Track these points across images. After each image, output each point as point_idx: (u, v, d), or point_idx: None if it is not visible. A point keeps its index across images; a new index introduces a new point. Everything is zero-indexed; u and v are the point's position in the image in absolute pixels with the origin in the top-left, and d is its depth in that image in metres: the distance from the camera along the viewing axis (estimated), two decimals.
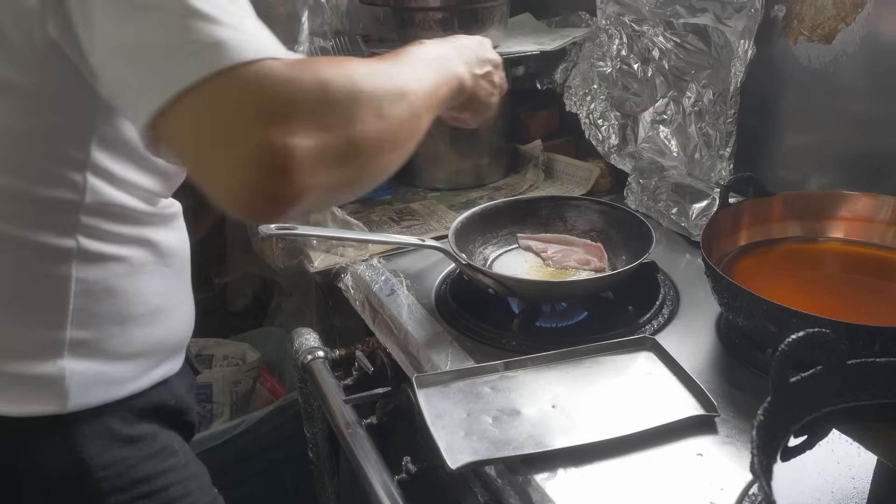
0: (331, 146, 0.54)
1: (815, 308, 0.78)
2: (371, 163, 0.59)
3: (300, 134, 0.51)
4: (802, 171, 1.16)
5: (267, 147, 0.50)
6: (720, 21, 1.15)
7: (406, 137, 0.63)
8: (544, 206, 1.17)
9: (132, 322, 0.74)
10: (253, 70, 0.52)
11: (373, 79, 0.58)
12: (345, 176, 0.57)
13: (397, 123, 0.60)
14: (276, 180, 0.51)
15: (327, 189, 0.55)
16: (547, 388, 0.85)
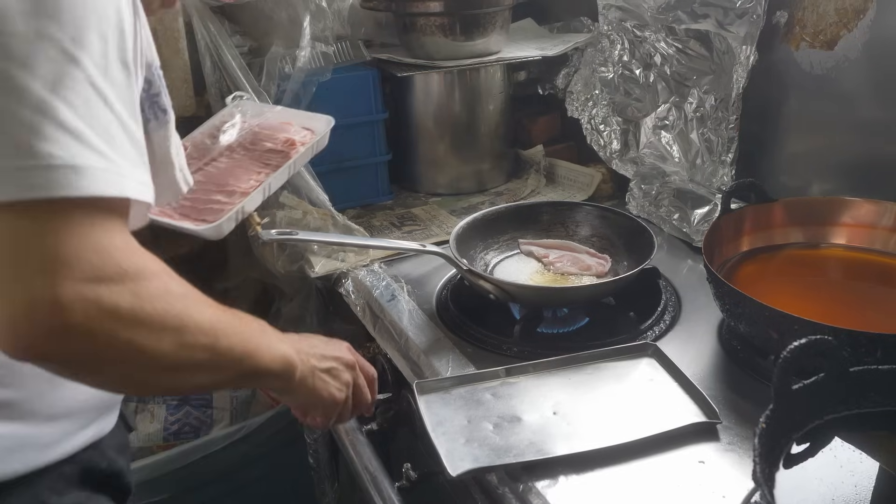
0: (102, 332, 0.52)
1: (817, 315, 0.78)
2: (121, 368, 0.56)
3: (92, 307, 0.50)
4: (804, 177, 1.16)
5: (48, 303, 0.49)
6: (722, 27, 1.15)
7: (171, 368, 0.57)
8: (546, 212, 1.17)
9: (57, 383, 0.65)
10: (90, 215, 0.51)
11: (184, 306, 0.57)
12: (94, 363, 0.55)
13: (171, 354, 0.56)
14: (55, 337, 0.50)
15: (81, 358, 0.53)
16: (548, 394, 0.84)
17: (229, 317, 0.62)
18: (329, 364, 0.77)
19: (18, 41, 0.51)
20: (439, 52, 1.38)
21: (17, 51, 0.50)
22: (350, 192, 1.41)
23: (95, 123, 0.53)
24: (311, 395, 0.74)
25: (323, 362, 0.76)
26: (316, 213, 1.22)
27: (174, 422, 1.34)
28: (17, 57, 0.50)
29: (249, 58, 1.33)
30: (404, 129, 1.47)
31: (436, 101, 1.43)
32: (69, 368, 0.55)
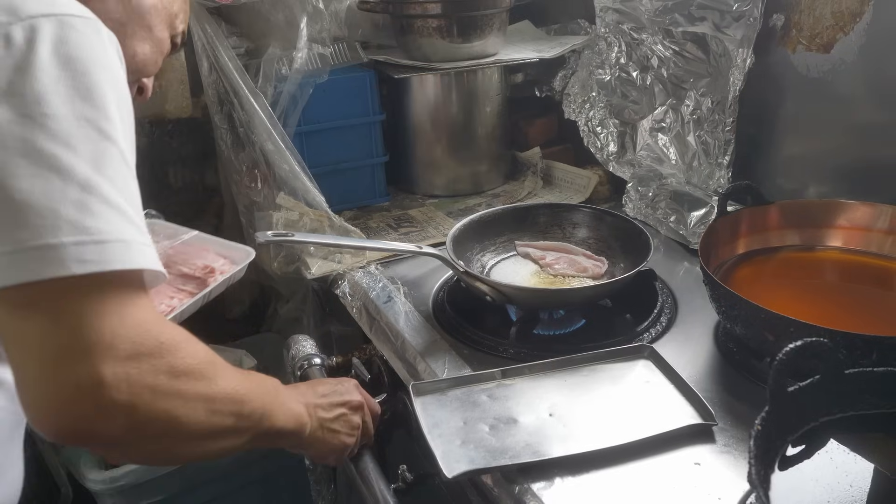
0: (147, 411, 0.54)
1: (812, 317, 0.78)
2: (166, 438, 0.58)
3: (134, 386, 0.52)
4: (801, 179, 1.16)
5: (93, 384, 0.50)
6: (719, 30, 1.16)
7: (201, 436, 0.60)
8: (543, 214, 1.17)
9: None
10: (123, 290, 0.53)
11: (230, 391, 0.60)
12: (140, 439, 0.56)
13: (204, 419, 0.59)
14: (87, 414, 0.51)
15: (127, 437, 0.54)
16: (544, 396, 0.84)
17: (249, 380, 0.65)
18: (338, 412, 0.79)
19: (60, 122, 0.53)
20: (436, 54, 1.38)
21: (60, 132, 0.53)
22: (347, 194, 1.41)
23: (131, 197, 0.56)
24: (323, 447, 0.78)
25: (332, 411, 0.79)
26: (312, 214, 1.22)
27: None
28: (60, 138, 0.53)
29: (246, 59, 1.33)
30: (401, 131, 1.47)
31: (433, 102, 1.43)
32: (108, 446, 0.55)
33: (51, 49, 0.54)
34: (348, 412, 0.81)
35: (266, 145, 1.25)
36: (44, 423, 0.52)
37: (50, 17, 0.56)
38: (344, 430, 0.80)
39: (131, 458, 0.60)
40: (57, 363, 0.51)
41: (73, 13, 0.57)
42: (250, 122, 1.26)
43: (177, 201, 1.51)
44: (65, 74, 0.54)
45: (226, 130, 1.33)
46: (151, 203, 1.50)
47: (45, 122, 0.53)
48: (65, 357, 0.51)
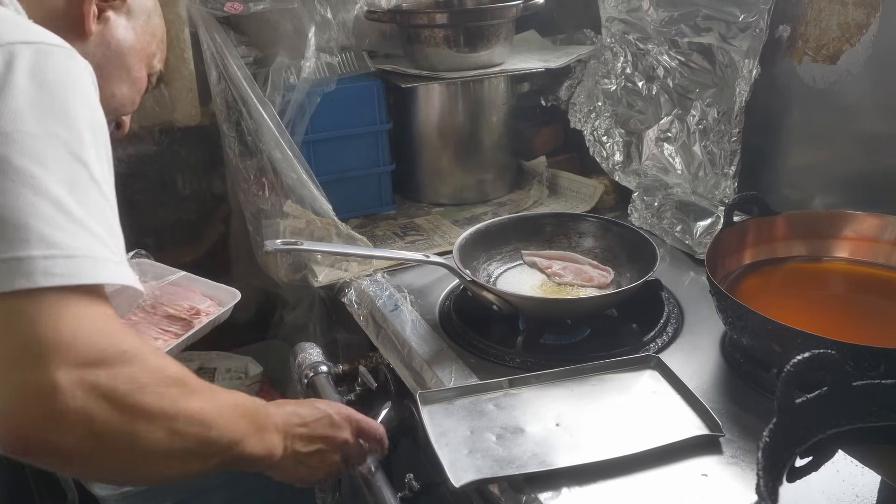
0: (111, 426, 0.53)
1: (819, 328, 0.78)
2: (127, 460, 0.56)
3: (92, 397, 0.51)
4: (807, 190, 1.16)
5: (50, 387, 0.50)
6: (725, 40, 1.16)
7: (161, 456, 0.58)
8: (549, 223, 1.17)
9: None
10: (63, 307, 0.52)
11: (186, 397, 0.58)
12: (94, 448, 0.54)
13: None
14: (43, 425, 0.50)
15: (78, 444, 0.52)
16: (551, 406, 0.85)
17: (223, 404, 0.62)
18: (316, 447, 0.75)
19: (35, 140, 0.54)
20: (443, 64, 1.38)
21: (33, 149, 0.54)
22: (353, 202, 1.42)
23: (101, 219, 0.56)
24: (289, 475, 0.75)
25: (310, 445, 0.74)
26: (319, 222, 1.23)
27: None
28: (33, 155, 0.54)
29: (255, 68, 1.34)
30: (408, 140, 1.48)
31: (439, 111, 1.44)
32: (64, 459, 0.53)
33: (28, 72, 0.56)
34: (327, 449, 0.76)
35: (274, 153, 1.26)
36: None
37: (28, 45, 0.57)
38: (316, 465, 0.76)
39: (90, 473, 0.58)
40: (10, 368, 0.50)
41: (51, 42, 0.60)
42: (258, 130, 1.26)
43: (185, 208, 1.52)
44: (40, 96, 0.56)
45: (234, 138, 1.34)
46: (160, 210, 1.52)
47: (19, 139, 0.53)
48: (19, 361, 0.50)
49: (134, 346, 0.55)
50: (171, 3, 1.25)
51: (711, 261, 0.92)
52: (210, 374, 1.39)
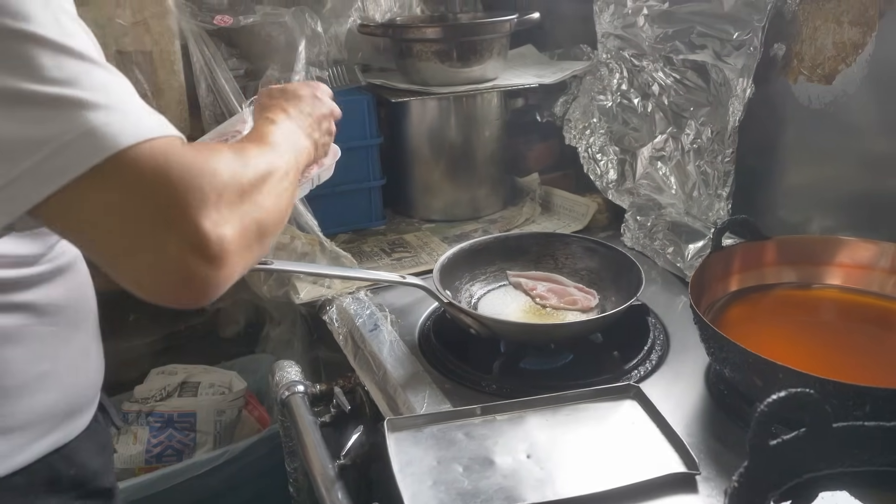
0: (249, 231, 0.56)
1: (805, 360, 0.74)
2: (269, 239, 0.62)
3: (229, 223, 0.54)
4: (804, 212, 1.13)
5: (204, 237, 0.51)
6: (719, 58, 1.13)
7: (288, 212, 0.67)
8: (535, 243, 1.15)
9: (10, 395, 0.66)
10: (157, 151, 0.52)
11: (265, 165, 0.63)
12: (256, 256, 0.60)
13: (286, 202, 0.65)
14: (209, 268, 0.52)
15: (244, 270, 0.57)
16: (524, 436, 0.81)
17: (286, 149, 0.70)
18: (323, 126, 0.86)
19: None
20: (435, 78, 1.36)
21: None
22: (343, 217, 1.40)
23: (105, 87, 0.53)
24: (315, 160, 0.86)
25: (318, 129, 0.85)
26: (304, 238, 1.21)
27: (157, 444, 1.33)
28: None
29: (245, 81, 1.33)
30: (400, 155, 1.46)
31: (431, 126, 1.42)
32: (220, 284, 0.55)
33: None
34: (326, 124, 0.87)
35: None
36: (157, 293, 0.53)
37: None
38: (325, 143, 0.87)
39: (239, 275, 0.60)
40: (151, 230, 0.51)
41: None
42: None
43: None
44: None
45: None
46: None
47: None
48: (154, 220, 0.51)
49: (228, 161, 0.57)
50: (161, 16, 1.24)
51: (697, 287, 0.88)
52: (194, 389, 1.37)
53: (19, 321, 0.67)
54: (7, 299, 0.66)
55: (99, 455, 0.78)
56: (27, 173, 0.49)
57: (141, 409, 1.33)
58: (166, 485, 1.29)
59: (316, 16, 1.30)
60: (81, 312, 0.76)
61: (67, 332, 0.73)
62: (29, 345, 0.68)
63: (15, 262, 0.66)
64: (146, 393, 1.35)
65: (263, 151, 0.66)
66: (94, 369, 0.78)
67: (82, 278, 0.77)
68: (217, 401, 1.36)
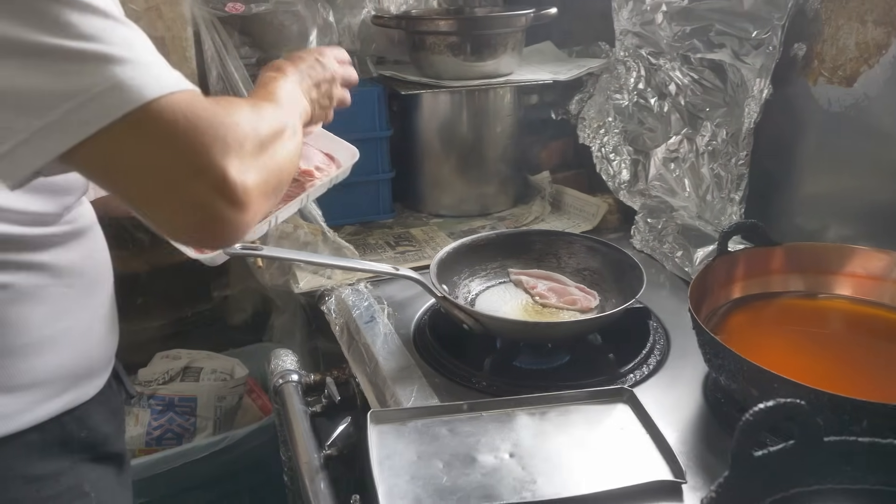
0: (268, 181, 0.60)
1: (805, 372, 0.71)
2: (282, 192, 0.66)
3: (252, 170, 0.57)
4: (821, 220, 1.08)
5: (231, 183, 0.55)
6: (738, 58, 1.10)
7: (295, 168, 0.71)
8: (538, 241, 1.12)
9: (21, 352, 0.68)
10: (181, 103, 0.54)
11: (278, 121, 0.66)
12: (272, 205, 0.64)
13: (296, 157, 0.69)
14: (235, 212, 0.56)
15: (261, 218, 0.62)
16: (508, 435, 0.80)
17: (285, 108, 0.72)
18: (323, 89, 0.87)
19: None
20: (448, 72, 1.35)
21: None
22: (350, 209, 1.39)
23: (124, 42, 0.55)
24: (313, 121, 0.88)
25: (318, 91, 0.86)
26: (307, 227, 1.20)
27: (157, 427, 1.33)
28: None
29: (256, 69, 1.33)
30: (410, 148, 1.45)
31: (442, 120, 1.40)
32: (243, 226, 0.59)
33: None
34: (329, 86, 0.88)
35: None
36: (186, 235, 0.59)
37: None
38: (324, 105, 0.88)
39: (257, 222, 0.63)
40: (177, 178, 0.54)
41: None
42: None
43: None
44: None
45: None
46: None
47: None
48: (181, 167, 0.54)
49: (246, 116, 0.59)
50: (174, 2, 1.25)
51: (698, 292, 0.85)
52: (196, 374, 1.37)
53: (36, 280, 0.69)
54: (25, 258, 0.68)
55: (111, 420, 0.81)
56: (56, 123, 0.51)
57: (143, 391, 1.34)
58: (165, 467, 1.30)
59: (328, 5, 1.29)
60: (97, 277, 0.78)
61: (83, 296, 0.75)
62: (45, 305, 0.70)
63: (32, 219, 0.68)
64: (149, 376, 1.36)
65: (275, 108, 0.69)
66: (108, 335, 0.80)
67: (99, 245, 0.79)
68: (218, 387, 1.36)
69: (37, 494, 0.70)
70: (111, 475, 0.80)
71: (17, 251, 0.68)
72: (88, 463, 0.76)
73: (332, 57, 0.90)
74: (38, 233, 0.69)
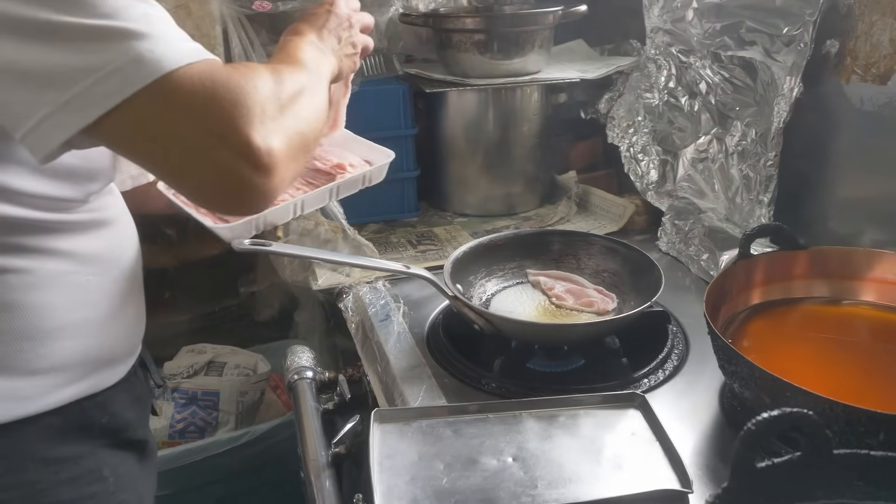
0: (293, 143, 0.60)
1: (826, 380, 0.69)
2: (310, 152, 0.67)
3: (275, 133, 0.58)
4: (855, 223, 1.04)
5: (255, 148, 0.55)
6: (769, 55, 1.06)
7: (322, 128, 0.70)
8: (556, 242, 1.10)
9: (45, 337, 0.69)
10: (201, 73, 0.55)
11: (299, 81, 0.66)
12: (300, 167, 0.64)
13: (321, 116, 0.69)
14: (261, 177, 0.57)
15: (290, 182, 0.63)
16: (513, 438, 0.78)
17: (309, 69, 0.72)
18: (347, 40, 0.86)
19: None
20: (475, 70, 1.34)
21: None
22: (375, 206, 1.39)
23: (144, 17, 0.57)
24: (341, 76, 0.88)
25: (344, 47, 0.86)
26: (328, 225, 1.20)
27: (180, 420, 1.36)
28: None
29: None
30: (436, 146, 1.44)
31: (468, 118, 1.39)
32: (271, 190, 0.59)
33: None
34: (350, 34, 0.87)
35: None
36: (215, 202, 0.61)
37: None
38: (351, 58, 0.88)
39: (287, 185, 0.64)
40: (203, 145, 0.55)
41: None
42: None
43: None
44: None
45: None
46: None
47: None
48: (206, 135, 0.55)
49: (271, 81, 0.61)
50: (203, 1, 1.27)
51: (715, 295, 0.83)
52: (220, 368, 1.39)
53: (57, 267, 0.70)
54: (46, 243, 0.69)
55: (133, 407, 0.81)
56: (80, 97, 0.53)
57: (168, 384, 1.36)
58: (187, 460, 1.32)
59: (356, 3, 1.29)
60: (123, 267, 0.79)
61: (108, 284, 0.76)
62: (69, 291, 0.71)
63: (53, 205, 0.69)
64: (174, 369, 1.39)
65: (295, 69, 0.69)
66: (132, 324, 0.81)
67: (126, 234, 0.81)
68: (240, 381, 1.38)
69: (55, 476, 0.71)
70: (132, 461, 0.81)
71: (38, 235, 0.69)
72: (109, 448, 0.77)
73: (344, 4, 0.88)
74: (59, 218, 0.70)
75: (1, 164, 0.64)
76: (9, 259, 0.66)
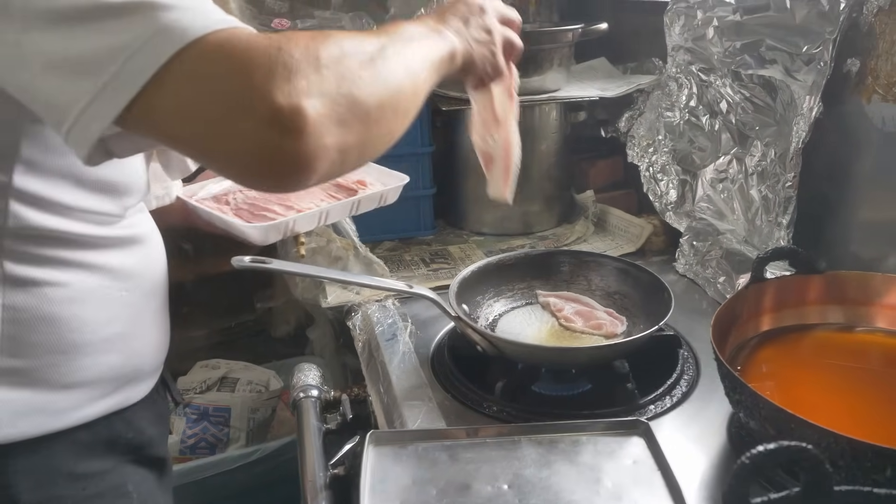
0: (337, 103, 0.54)
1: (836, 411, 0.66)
2: (376, 119, 0.57)
3: (306, 94, 0.51)
4: (879, 248, 1.00)
5: (278, 110, 0.50)
6: (789, 74, 1.03)
7: (406, 100, 0.61)
8: (566, 262, 1.08)
9: (78, 351, 0.69)
10: (227, 39, 0.52)
11: (366, 43, 0.59)
12: (358, 133, 0.56)
13: (403, 85, 0.60)
14: (292, 141, 0.51)
15: (339, 151, 0.55)
16: (511, 464, 0.76)
17: (395, 37, 0.64)
18: (481, 25, 0.78)
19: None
20: None
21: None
22: (390, 224, 1.39)
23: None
24: (476, 67, 0.79)
25: (478, 32, 0.77)
26: (339, 242, 1.20)
27: (192, 436, 1.36)
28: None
29: None
30: (453, 164, 1.43)
31: None
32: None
33: None
34: (487, 23, 0.79)
35: None
36: (250, 174, 0.55)
37: None
38: (485, 45, 0.79)
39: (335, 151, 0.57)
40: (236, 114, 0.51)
41: None
42: None
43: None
44: None
45: None
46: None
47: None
48: (240, 103, 0.51)
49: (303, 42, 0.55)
50: None
51: (723, 321, 0.80)
52: (232, 385, 1.40)
53: (94, 281, 0.71)
54: (84, 258, 0.70)
55: (156, 424, 0.82)
56: (111, 82, 0.51)
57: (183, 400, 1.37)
58: (198, 476, 1.32)
59: (373, 21, 1.30)
60: (153, 284, 0.79)
61: (139, 300, 0.77)
62: (103, 306, 0.72)
63: (93, 218, 0.70)
64: (187, 385, 1.40)
65: (362, 35, 0.62)
66: (159, 341, 0.82)
67: (156, 252, 0.81)
68: (252, 398, 1.38)
69: (82, 492, 0.71)
70: (153, 478, 0.82)
71: (77, 249, 0.69)
72: (132, 464, 0.78)
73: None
74: (99, 233, 0.71)
75: (45, 176, 0.64)
76: (48, 271, 0.67)
